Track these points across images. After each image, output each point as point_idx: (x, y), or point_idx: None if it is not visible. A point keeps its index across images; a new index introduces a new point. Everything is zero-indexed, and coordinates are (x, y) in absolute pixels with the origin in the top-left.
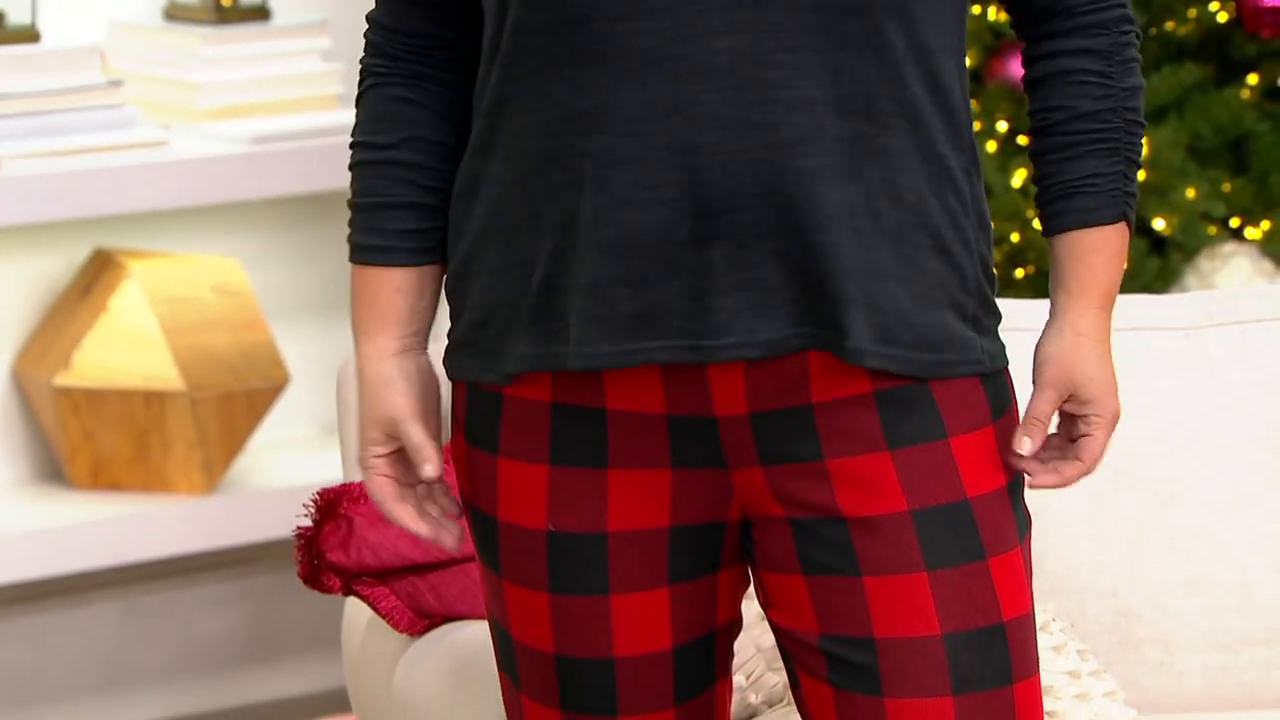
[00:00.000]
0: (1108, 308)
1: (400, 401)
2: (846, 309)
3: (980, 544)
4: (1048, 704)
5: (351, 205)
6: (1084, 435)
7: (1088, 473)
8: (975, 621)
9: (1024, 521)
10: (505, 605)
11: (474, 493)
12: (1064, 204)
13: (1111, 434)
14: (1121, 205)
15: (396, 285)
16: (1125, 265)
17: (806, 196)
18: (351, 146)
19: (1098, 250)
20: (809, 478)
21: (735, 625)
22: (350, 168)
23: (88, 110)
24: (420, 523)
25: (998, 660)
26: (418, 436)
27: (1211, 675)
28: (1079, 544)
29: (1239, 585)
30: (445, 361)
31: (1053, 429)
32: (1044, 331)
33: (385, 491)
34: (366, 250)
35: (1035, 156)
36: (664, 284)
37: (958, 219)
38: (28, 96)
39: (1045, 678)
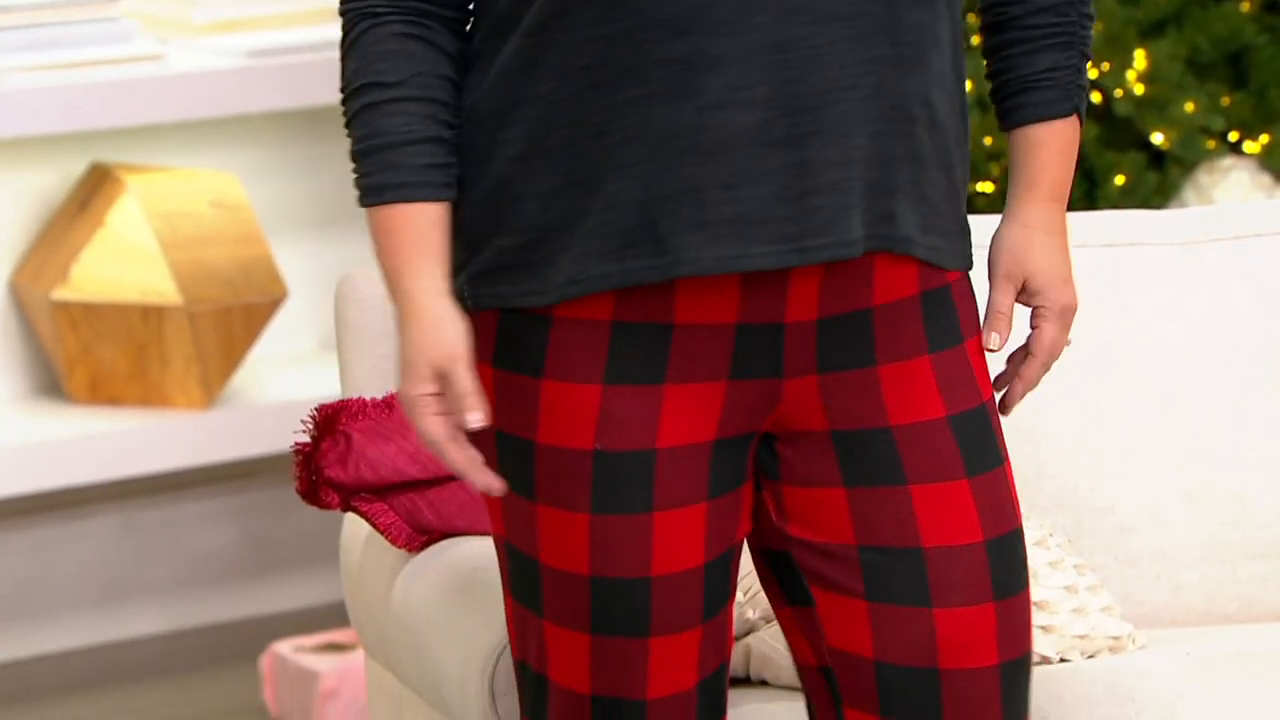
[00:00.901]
0: (1058, 199)
1: (458, 342)
2: (900, 198)
3: (998, 449)
4: (1044, 619)
5: (360, 150)
6: (1034, 328)
7: (1044, 368)
8: (1004, 526)
9: None
10: (535, 530)
11: (505, 419)
12: (1020, 99)
13: (1065, 327)
14: (1074, 98)
15: (433, 220)
16: (1076, 158)
17: (882, 86)
18: (354, 91)
19: (1046, 143)
20: (859, 385)
21: (743, 540)
22: (353, 114)
23: (85, 23)
24: (477, 468)
25: (1019, 563)
26: (469, 382)
27: (1209, 589)
28: (1076, 459)
29: (1236, 499)
30: (469, 290)
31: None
32: (997, 227)
33: (440, 432)
34: (396, 188)
35: (991, 53)
36: (762, 185)
37: (965, 107)
38: (25, 9)
39: (1042, 593)
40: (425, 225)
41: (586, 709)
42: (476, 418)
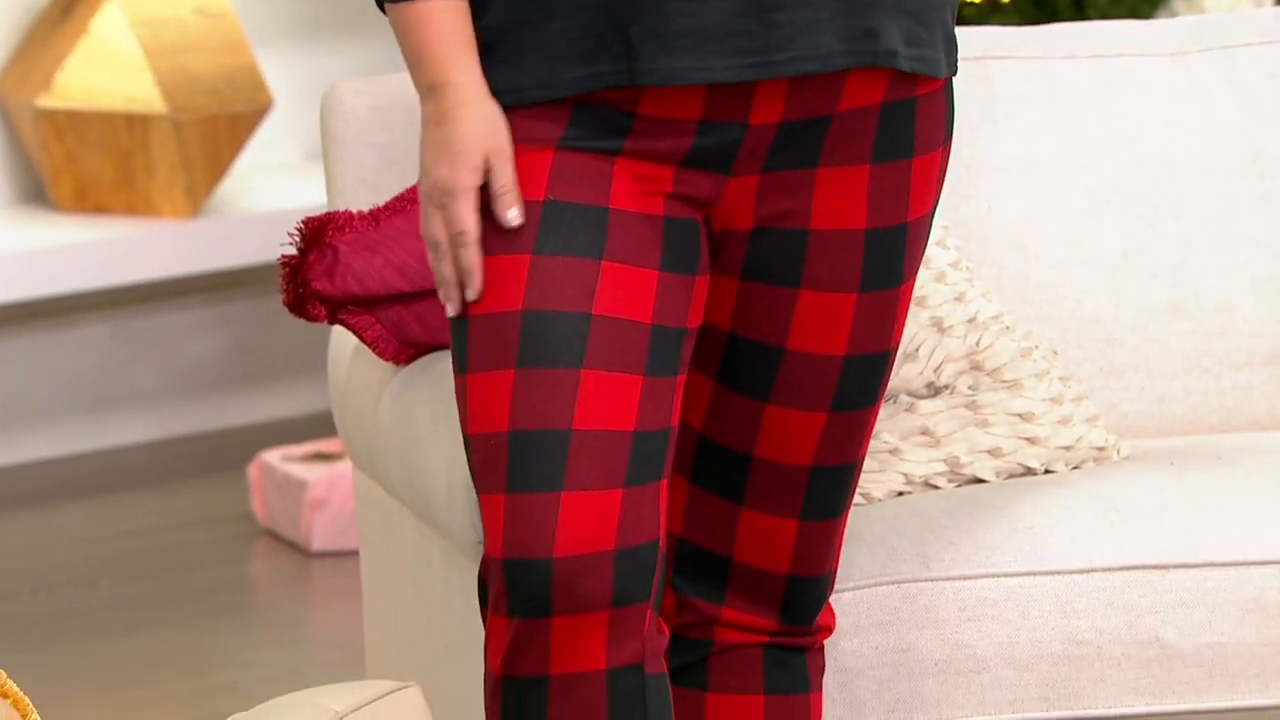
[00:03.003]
0: None
1: (506, 137)
2: (881, 13)
3: (901, 270)
4: (1029, 430)
5: None
6: None
7: None
8: (873, 346)
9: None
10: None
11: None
12: None
13: None
14: None
15: (468, 15)
16: None
17: None
18: None
19: None
20: (795, 185)
21: (694, 331)
22: None
23: None
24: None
25: (874, 384)
26: (510, 176)
27: (1192, 399)
28: (1062, 270)
29: (1221, 310)
30: None
31: None
32: None
33: (474, 226)
34: None
35: None
36: (727, 0)
37: None
38: None
39: (1027, 404)
40: (465, 19)
41: (503, 449)
42: (516, 213)
